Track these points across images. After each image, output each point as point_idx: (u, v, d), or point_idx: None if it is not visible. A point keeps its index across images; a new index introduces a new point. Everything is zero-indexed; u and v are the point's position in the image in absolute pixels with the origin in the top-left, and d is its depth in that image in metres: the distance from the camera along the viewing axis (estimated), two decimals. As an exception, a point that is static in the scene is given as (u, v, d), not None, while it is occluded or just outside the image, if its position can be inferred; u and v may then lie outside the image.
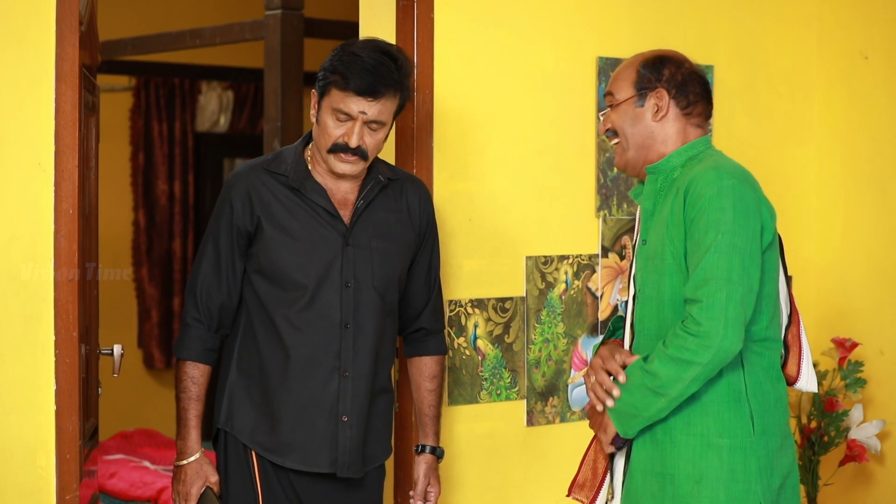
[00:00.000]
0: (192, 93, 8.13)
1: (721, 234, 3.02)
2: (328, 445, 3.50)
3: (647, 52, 3.34)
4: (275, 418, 3.49)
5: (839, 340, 4.76)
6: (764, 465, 3.12)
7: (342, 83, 3.39)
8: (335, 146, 3.43)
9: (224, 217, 3.53)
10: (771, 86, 4.87)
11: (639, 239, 3.29)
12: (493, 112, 4.25)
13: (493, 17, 4.25)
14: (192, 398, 3.53)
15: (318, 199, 3.50)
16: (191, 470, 3.52)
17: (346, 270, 3.50)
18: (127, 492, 6.19)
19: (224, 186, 3.59)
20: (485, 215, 4.23)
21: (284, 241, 3.48)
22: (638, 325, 3.25)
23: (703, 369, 3.03)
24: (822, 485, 4.78)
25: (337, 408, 3.50)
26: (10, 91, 3.40)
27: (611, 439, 3.21)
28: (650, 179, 3.26)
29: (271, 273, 3.48)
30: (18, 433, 3.41)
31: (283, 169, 3.52)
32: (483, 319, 4.22)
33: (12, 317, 3.41)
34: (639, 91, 3.26)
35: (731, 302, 3.00)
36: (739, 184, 3.08)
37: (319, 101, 3.46)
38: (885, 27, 4.82)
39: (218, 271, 3.53)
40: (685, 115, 3.25)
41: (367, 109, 3.40)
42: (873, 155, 4.85)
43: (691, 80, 3.27)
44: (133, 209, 8.00)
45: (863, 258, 4.88)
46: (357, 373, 3.52)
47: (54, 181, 3.42)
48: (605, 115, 3.34)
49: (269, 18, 5.69)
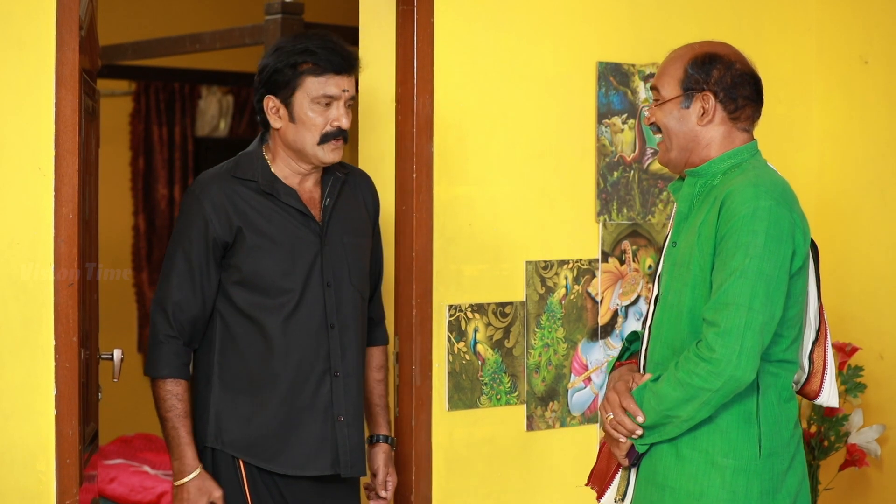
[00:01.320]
0: (192, 97, 8.13)
1: (749, 258, 2.95)
2: (328, 447, 3.49)
3: (696, 45, 3.20)
4: (269, 427, 3.47)
5: (839, 345, 4.76)
6: (767, 490, 3.06)
7: (317, 69, 3.41)
8: (325, 135, 3.44)
9: (196, 228, 3.47)
10: (770, 90, 4.81)
11: (669, 239, 3.22)
12: (492, 117, 4.25)
13: (493, 21, 4.25)
14: (180, 415, 3.47)
15: (290, 201, 3.49)
16: (193, 487, 3.45)
17: (326, 270, 3.50)
18: (127, 496, 6.18)
19: (189, 198, 3.51)
20: (485, 220, 4.23)
21: (267, 248, 3.45)
22: (655, 328, 3.20)
23: (713, 395, 2.98)
24: (823, 489, 4.78)
25: (332, 409, 3.50)
26: (10, 95, 3.40)
27: (625, 453, 3.19)
28: (689, 182, 3.18)
29: (255, 282, 3.45)
30: (18, 437, 3.41)
31: (249, 175, 3.49)
32: (483, 324, 4.22)
33: (12, 321, 3.40)
34: (685, 91, 3.15)
35: (750, 330, 2.93)
36: (776, 205, 2.99)
37: (289, 100, 3.44)
38: (885, 32, 4.82)
39: (192, 285, 3.47)
40: (732, 120, 3.15)
41: (347, 86, 3.45)
42: (873, 159, 4.85)
43: (741, 82, 3.15)
44: (133, 213, 7.99)
45: (862, 263, 4.88)
46: (347, 371, 3.52)
47: (54, 185, 3.41)
48: (650, 109, 3.22)
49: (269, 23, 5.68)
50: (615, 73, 4.46)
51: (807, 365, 3.22)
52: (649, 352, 3.21)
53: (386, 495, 3.68)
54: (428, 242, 4.11)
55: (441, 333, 4.13)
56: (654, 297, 3.24)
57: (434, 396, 4.12)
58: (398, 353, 4.11)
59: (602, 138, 4.44)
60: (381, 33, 4.17)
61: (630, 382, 3.16)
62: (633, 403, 3.10)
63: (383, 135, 4.17)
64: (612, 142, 4.46)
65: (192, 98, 8.14)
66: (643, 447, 3.14)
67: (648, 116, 3.24)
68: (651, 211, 4.54)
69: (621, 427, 3.13)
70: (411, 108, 4.07)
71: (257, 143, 3.56)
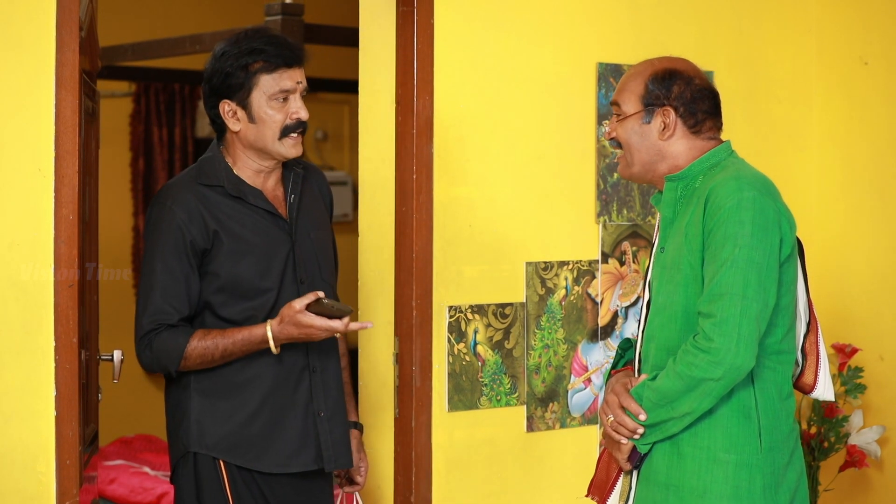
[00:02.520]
0: (192, 98, 8.13)
1: (738, 247, 2.98)
2: (311, 443, 3.50)
3: (656, 60, 3.25)
4: (251, 427, 3.46)
5: (839, 346, 4.76)
6: (769, 484, 3.08)
7: (270, 66, 3.42)
8: (286, 129, 3.44)
9: (172, 237, 3.40)
10: (771, 91, 4.87)
11: (657, 246, 3.25)
12: (492, 118, 4.25)
13: (493, 23, 4.25)
14: (224, 334, 3.38)
15: (259, 202, 3.48)
16: (277, 319, 3.36)
17: (299, 267, 3.51)
18: (127, 497, 6.18)
19: (157, 208, 3.45)
20: (485, 221, 4.23)
21: (244, 251, 3.44)
22: (648, 331, 3.22)
23: (714, 385, 2.99)
24: (823, 490, 4.78)
25: (312, 405, 3.51)
26: (10, 96, 3.40)
27: (626, 456, 3.19)
28: (669, 187, 3.20)
29: (233, 287, 3.43)
30: (19, 439, 3.41)
31: (215, 180, 3.47)
32: (483, 325, 4.22)
33: (12, 322, 3.40)
34: (646, 106, 3.19)
35: (745, 318, 2.96)
36: (760, 195, 3.03)
37: (245, 101, 3.44)
38: (885, 33, 4.82)
39: (179, 293, 3.40)
40: (693, 133, 3.19)
41: (300, 78, 3.48)
42: (873, 160, 4.86)
43: (700, 96, 3.19)
44: (133, 214, 7.99)
45: (862, 264, 4.88)
46: (324, 365, 3.53)
47: (54, 187, 3.41)
48: (611, 124, 3.26)
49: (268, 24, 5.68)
50: (615, 75, 4.46)
51: (800, 357, 3.24)
52: (643, 354, 3.23)
53: (360, 480, 3.69)
54: (428, 243, 4.11)
55: (441, 334, 4.14)
56: (645, 303, 3.27)
57: (434, 397, 4.13)
58: (398, 354, 4.11)
59: (602, 139, 4.44)
60: (381, 34, 4.17)
61: (628, 385, 3.17)
62: (633, 403, 3.11)
63: (383, 136, 4.17)
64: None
65: (192, 99, 8.14)
66: (645, 447, 3.14)
67: (609, 132, 3.28)
68: (651, 212, 4.54)
69: (622, 428, 3.13)
70: (411, 110, 4.08)
71: (215, 147, 3.54)
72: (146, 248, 3.47)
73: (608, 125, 3.29)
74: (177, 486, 3.52)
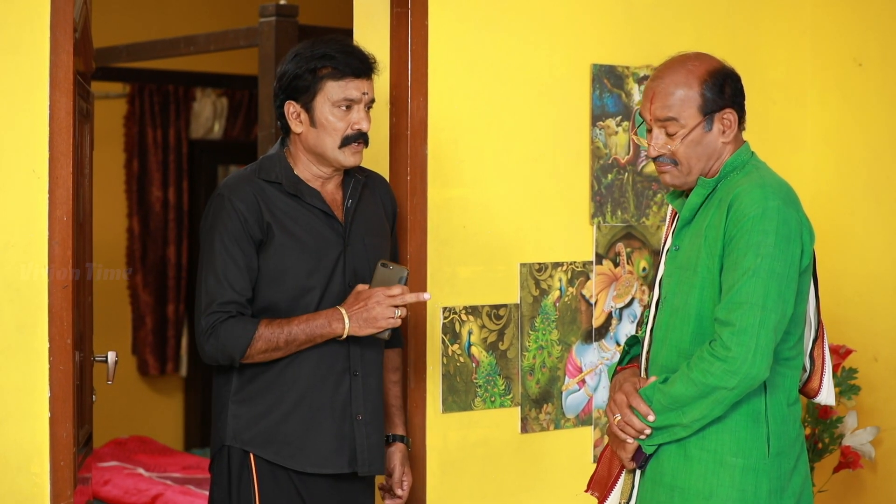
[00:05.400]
0: (186, 100, 8.14)
1: (761, 258, 2.99)
2: (346, 446, 3.52)
3: (689, 64, 3.16)
4: (286, 425, 3.49)
5: (833, 347, 4.76)
6: (775, 489, 3.09)
7: (338, 73, 3.45)
8: (347, 138, 3.48)
9: (232, 225, 3.44)
10: (765, 92, 4.87)
11: (671, 244, 3.23)
12: (487, 119, 4.25)
13: (488, 24, 4.25)
14: (291, 322, 3.42)
15: (315, 202, 3.52)
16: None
17: (348, 270, 3.54)
18: (121, 499, 6.18)
19: (218, 199, 3.49)
20: (479, 222, 4.23)
21: (294, 247, 3.48)
22: (657, 331, 3.21)
23: (727, 394, 3.01)
24: (817, 491, 4.78)
25: (350, 408, 3.53)
26: (5, 98, 3.40)
27: (630, 455, 3.20)
28: (699, 192, 3.17)
29: (280, 281, 3.47)
30: (13, 440, 3.41)
31: (273, 177, 3.52)
32: (477, 326, 4.22)
33: (7, 324, 3.40)
34: (706, 115, 3.14)
35: (764, 328, 2.98)
36: (784, 206, 3.04)
37: (310, 105, 3.47)
38: (880, 34, 4.83)
39: (241, 275, 3.42)
40: (740, 129, 3.20)
41: (367, 90, 3.50)
42: (868, 161, 4.86)
43: (741, 89, 3.19)
44: (127, 216, 7.99)
45: (857, 265, 4.88)
46: (366, 370, 3.55)
47: (48, 188, 3.41)
48: (661, 141, 3.16)
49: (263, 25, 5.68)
50: (609, 76, 4.46)
51: (808, 363, 3.25)
52: (652, 355, 3.22)
53: (402, 494, 3.71)
54: (422, 244, 4.11)
55: (435, 336, 4.13)
56: (655, 301, 3.25)
57: (428, 399, 4.12)
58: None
59: (596, 140, 4.44)
60: (376, 35, 4.17)
61: (636, 385, 3.17)
62: (642, 403, 3.11)
63: (377, 137, 4.16)
64: (606, 144, 4.46)
65: (187, 100, 8.15)
66: (651, 448, 3.14)
67: (659, 148, 3.17)
68: (645, 213, 4.54)
69: (629, 428, 3.14)
70: (405, 111, 4.08)
71: (278, 147, 3.59)
72: (205, 241, 3.49)
73: (651, 141, 3.18)
74: (212, 477, 3.57)
